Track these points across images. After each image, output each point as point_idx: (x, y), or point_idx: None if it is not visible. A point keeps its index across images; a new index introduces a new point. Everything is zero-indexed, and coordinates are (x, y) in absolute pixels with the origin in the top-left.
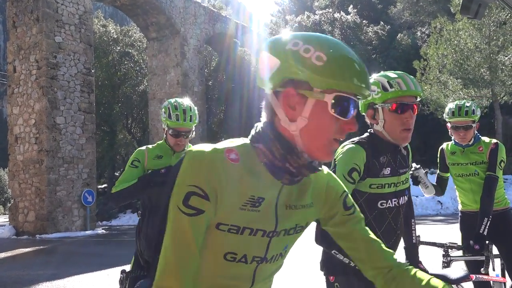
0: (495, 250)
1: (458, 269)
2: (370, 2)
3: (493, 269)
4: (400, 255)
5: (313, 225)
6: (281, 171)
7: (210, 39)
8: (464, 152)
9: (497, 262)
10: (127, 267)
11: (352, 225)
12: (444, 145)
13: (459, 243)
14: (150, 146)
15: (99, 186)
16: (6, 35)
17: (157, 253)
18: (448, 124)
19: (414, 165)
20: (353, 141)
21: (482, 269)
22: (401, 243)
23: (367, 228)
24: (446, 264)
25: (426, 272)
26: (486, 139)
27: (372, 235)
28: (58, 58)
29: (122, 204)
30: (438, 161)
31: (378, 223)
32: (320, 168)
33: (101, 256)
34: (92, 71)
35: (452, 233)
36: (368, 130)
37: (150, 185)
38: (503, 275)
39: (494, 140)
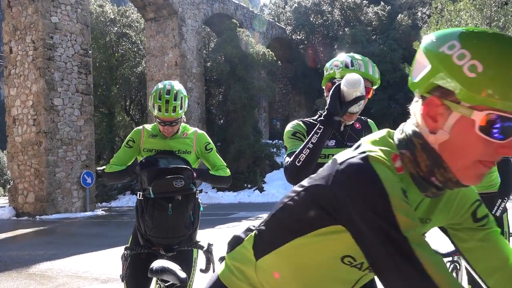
0: None
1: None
2: None
3: None
4: None
5: None
6: (427, 183)
7: (208, 19)
8: None
9: None
10: None
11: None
12: None
13: None
14: (147, 126)
15: (98, 168)
16: (2, 15)
17: None
18: None
19: None
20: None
21: None
22: None
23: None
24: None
25: None
26: None
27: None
28: (55, 39)
29: (112, 183)
30: None
31: None
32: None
33: (100, 236)
34: (90, 52)
35: None
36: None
37: (135, 173)
38: None
39: None
